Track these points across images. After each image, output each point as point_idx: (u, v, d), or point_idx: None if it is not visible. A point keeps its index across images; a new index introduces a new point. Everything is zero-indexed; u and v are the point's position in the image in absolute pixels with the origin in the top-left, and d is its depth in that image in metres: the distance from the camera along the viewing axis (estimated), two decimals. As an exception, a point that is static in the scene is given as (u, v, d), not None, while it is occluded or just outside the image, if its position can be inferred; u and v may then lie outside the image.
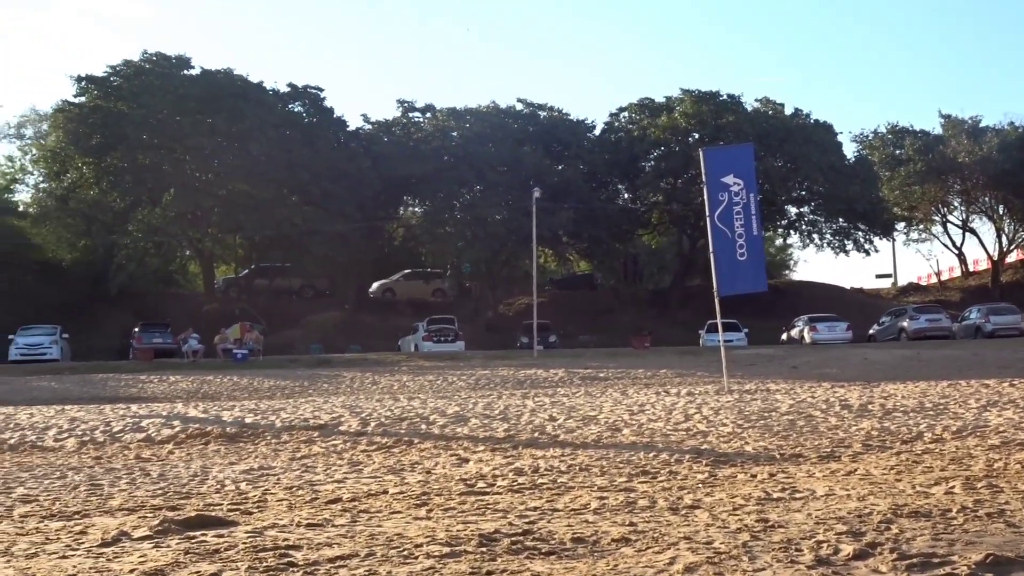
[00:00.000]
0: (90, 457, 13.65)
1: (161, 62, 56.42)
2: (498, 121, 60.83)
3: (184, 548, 6.95)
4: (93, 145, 54.52)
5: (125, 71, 56.21)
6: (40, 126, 61.37)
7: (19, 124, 62.25)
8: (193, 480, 10.86)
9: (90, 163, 55.25)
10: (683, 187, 59.76)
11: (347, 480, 10.60)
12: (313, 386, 30.53)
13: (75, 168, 56.18)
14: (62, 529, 8.02)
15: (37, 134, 61.63)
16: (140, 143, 53.55)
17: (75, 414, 18.87)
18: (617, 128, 64.46)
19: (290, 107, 59.83)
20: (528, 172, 56.07)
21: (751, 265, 23.55)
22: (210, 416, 18.07)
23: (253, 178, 52.97)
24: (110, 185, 55.05)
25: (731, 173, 23.72)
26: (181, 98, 53.81)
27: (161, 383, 32.25)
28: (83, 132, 54.86)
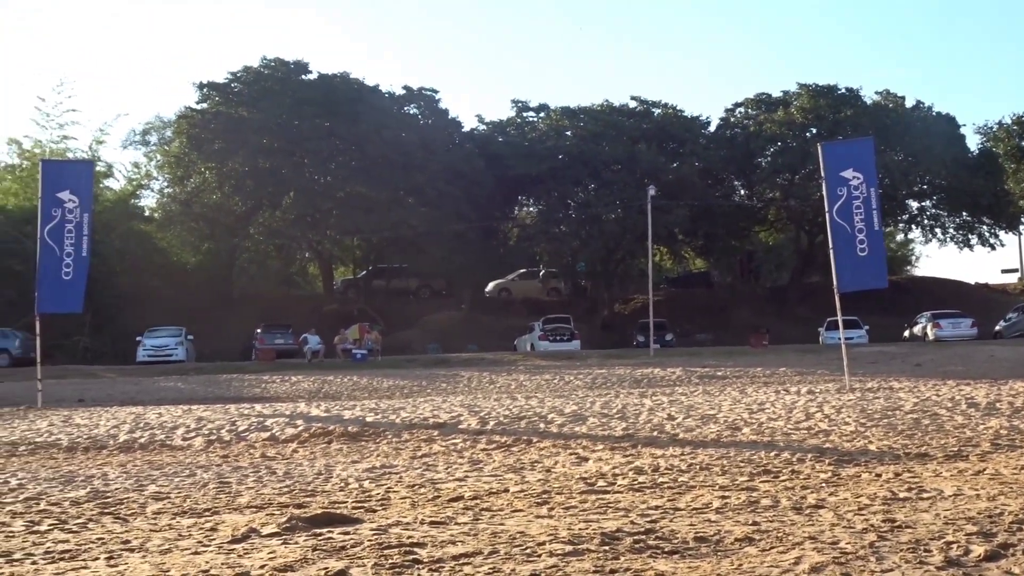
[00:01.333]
0: (217, 455, 13.95)
1: (280, 67, 57.46)
2: (612, 119, 60.70)
3: (312, 545, 7.09)
4: (215, 150, 55.70)
5: (245, 77, 57.37)
6: (164, 132, 62.82)
7: (144, 131, 63.83)
8: (318, 478, 11.04)
9: (212, 168, 56.44)
10: (800, 183, 58.98)
11: (468, 478, 10.69)
12: (431, 385, 30.79)
13: (198, 173, 57.43)
14: (193, 526, 8.23)
15: (162, 140, 63.11)
16: (260, 147, 54.55)
17: (201, 413, 19.28)
18: (733, 124, 63.86)
19: (406, 109, 60.44)
20: (643, 170, 55.89)
21: (872, 261, 23.16)
22: (332, 415, 18.33)
23: (370, 180, 53.62)
24: (232, 189, 56.16)
25: (850, 167, 23.35)
26: (299, 102, 54.71)
27: (283, 383, 32.79)
28: (205, 138, 56.08)
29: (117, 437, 16.29)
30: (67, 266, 25.06)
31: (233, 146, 55.00)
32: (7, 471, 12.63)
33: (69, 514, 8.99)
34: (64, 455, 14.70)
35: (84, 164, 34.38)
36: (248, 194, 55.96)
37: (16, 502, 9.75)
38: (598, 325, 57.47)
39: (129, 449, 15.11)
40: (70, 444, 15.80)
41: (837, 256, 23.09)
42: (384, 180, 53.87)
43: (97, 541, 7.64)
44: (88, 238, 25.45)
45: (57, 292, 25.29)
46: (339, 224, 56.41)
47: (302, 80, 57.32)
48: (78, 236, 25.12)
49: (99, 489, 10.57)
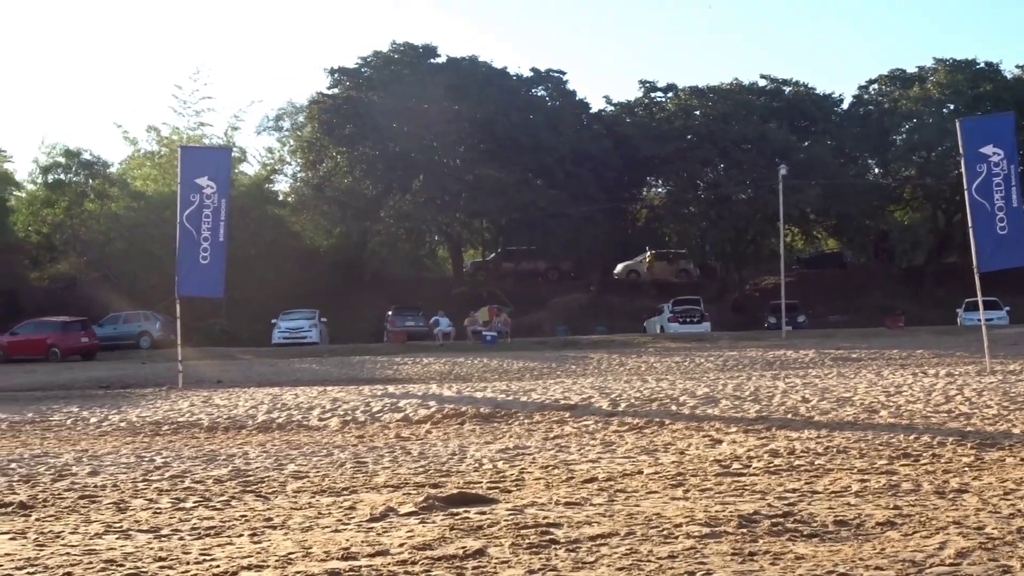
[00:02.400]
0: (353, 436, 14.17)
1: (409, 52, 57.95)
2: (741, 98, 59.94)
3: (449, 524, 7.17)
4: (346, 135, 56.42)
5: (375, 62, 57.99)
6: (296, 118, 63.80)
7: (277, 117, 64.90)
8: (452, 459, 11.15)
9: (343, 152, 57.18)
10: (937, 160, 57.45)
11: (601, 460, 10.69)
12: (561, 367, 30.82)
13: (330, 158, 58.25)
14: (332, 504, 8.39)
15: (294, 126, 64.10)
16: (390, 131, 55.10)
17: (336, 395, 19.59)
18: (866, 101, 62.50)
19: (533, 91, 60.45)
20: (773, 149, 55.07)
21: (1012, 239, 22.50)
22: (464, 397, 18.49)
23: (499, 162, 53.81)
24: (363, 173, 56.84)
25: (990, 144, 22.71)
26: (428, 86, 55.10)
27: (414, 365, 33.15)
28: (336, 122, 56.83)
29: (256, 417, 16.66)
30: (204, 250, 25.63)
31: (363, 130, 55.65)
32: (152, 450, 13.01)
33: (212, 492, 9.23)
34: (205, 434, 15.09)
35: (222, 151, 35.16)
36: (378, 178, 56.56)
37: (162, 480, 10.05)
38: (728, 307, 56.85)
39: (267, 429, 15.44)
40: (211, 424, 16.21)
41: (977, 235, 22.50)
42: (512, 162, 54.01)
43: (240, 518, 7.84)
44: (225, 223, 25.98)
45: (196, 276, 25.91)
46: (468, 206, 56.72)
47: (431, 64, 57.72)
48: (215, 221, 25.66)
49: (240, 468, 10.83)
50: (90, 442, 14.52)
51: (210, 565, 6.13)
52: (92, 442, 14.50)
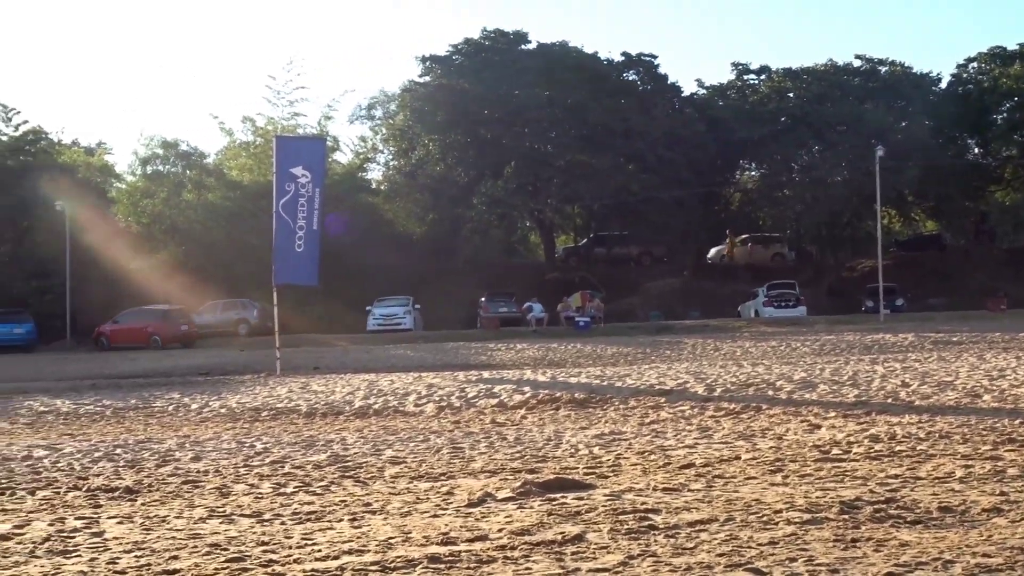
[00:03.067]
0: (449, 421, 14.24)
1: (500, 39, 58.06)
2: (836, 79, 59.09)
3: (547, 510, 7.17)
4: (438, 122, 56.72)
5: (466, 49, 58.21)
6: (389, 106, 64.24)
7: (370, 105, 65.40)
8: (548, 444, 11.16)
9: (435, 140, 57.49)
10: (1039, 139, 56.24)
11: (698, 445, 10.62)
12: (655, 352, 30.71)
13: (422, 145, 58.59)
14: (430, 490, 8.43)
15: (386, 114, 64.54)
16: (482, 118, 55.30)
17: (432, 380, 19.72)
18: (965, 80, 61.27)
19: (625, 76, 60.25)
20: (870, 130, 54.24)
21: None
22: (558, 382, 18.49)
23: (590, 148, 53.70)
24: (455, 160, 57.12)
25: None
26: (519, 73, 55.17)
27: (508, 351, 33.24)
28: (428, 110, 57.17)
29: (352, 403, 16.83)
30: (300, 239, 25.96)
31: (455, 118, 55.90)
32: (252, 435, 13.21)
33: (312, 477, 9.33)
34: (304, 420, 15.28)
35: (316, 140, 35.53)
36: (470, 164, 56.80)
37: (263, 465, 10.19)
38: (824, 290, 56.16)
39: (364, 415, 15.59)
40: (309, 410, 16.42)
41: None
42: (604, 147, 53.87)
43: (340, 503, 7.92)
44: (320, 212, 26.30)
45: (292, 264, 26.25)
46: (560, 192, 56.75)
47: (522, 50, 57.78)
48: (310, 210, 25.96)
49: (339, 453, 10.94)
50: (192, 428, 14.78)
51: (312, 549, 6.19)
52: (194, 428, 14.77)
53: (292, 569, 5.71)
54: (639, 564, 5.58)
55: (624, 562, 5.62)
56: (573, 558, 5.76)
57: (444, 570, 5.60)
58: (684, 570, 5.43)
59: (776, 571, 5.37)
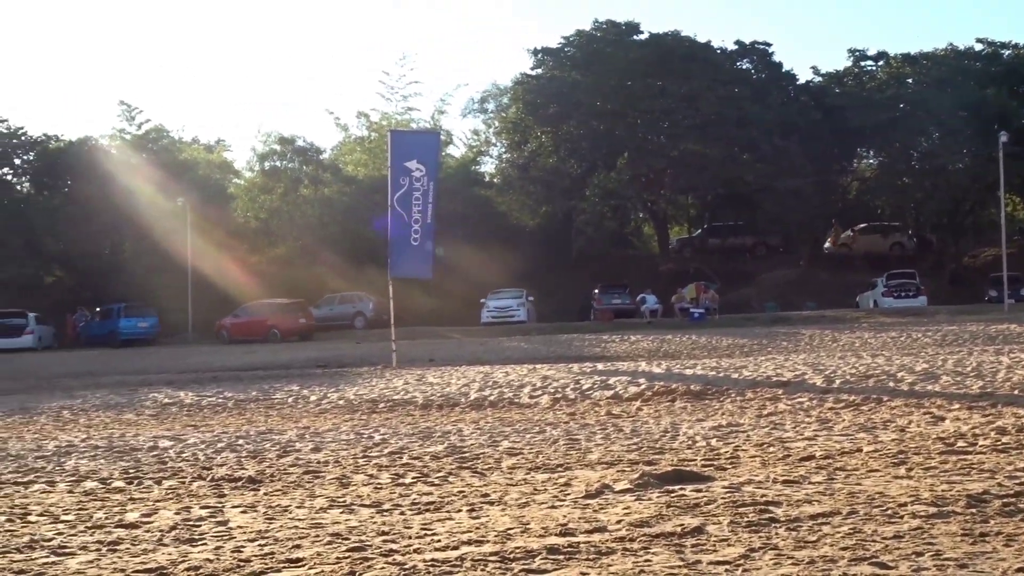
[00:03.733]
0: (564, 413, 14.25)
1: (611, 30, 57.77)
2: (957, 64, 57.60)
3: (665, 502, 7.13)
4: (550, 114, 56.67)
5: (578, 41, 58.06)
6: (501, 99, 64.37)
7: (482, 99, 65.60)
8: (664, 436, 11.09)
9: (548, 132, 57.45)
10: None
11: (818, 437, 10.47)
12: (771, 344, 30.34)
13: (534, 138, 58.60)
14: (547, 481, 8.44)
15: (499, 107, 64.67)
16: (594, 110, 55.13)
17: (546, 372, 19.74)
18: (1096, 62, 59.31)
19: (738, 64, 59.58)
20: (992, 116, 52.79)
21: None
22: (673, 374, 18.39)
23: (704, 138, 53.21)
24: (567, 152, 57.03)
25: None
26: (631, 63, 54.88)
27: (622, 342, 33.13)
28: (540, 102, 57.13)
29: (468, 395, 16.93)
30: (415, 232, 26.17)
31: (567, 110, 55.80)
32: (370, 427, 13.36)
33: (430, 468, 9.41)
34: (420, 412, 15.42)
35: (430, 134, 35.72)
36: (583, 156, 56.67)
37: (381, 456, 10.30)
38: (946, 280, 54.86)
39: (480, 407, 15.67)
40: (425, 401, 16.55)
41: None
42: (718, 137, 53.33)
43: (458, 494, 7.97)
44: (434, 206, 26.46)
45: (407, 257, 26.49)
46: (673, 183, 56.38)
47: (633, 41, 57.43)
48: (424, 203, 26.15)
49: (456, 444, 11.01)
50: (311, 419, 15.01)
51: (432, 540, 6.24)
52: (313, 419, 14.99)
53: (413, 559, 5.76)
54: (760, 557, 5.52)
55: (745, 555, 5.56)
56: (693, 550, 5.72)
57: (563, 561, 5.60)
58: (807, 563, 5.35)
59: (902, 565, 5.27)
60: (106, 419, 16.22)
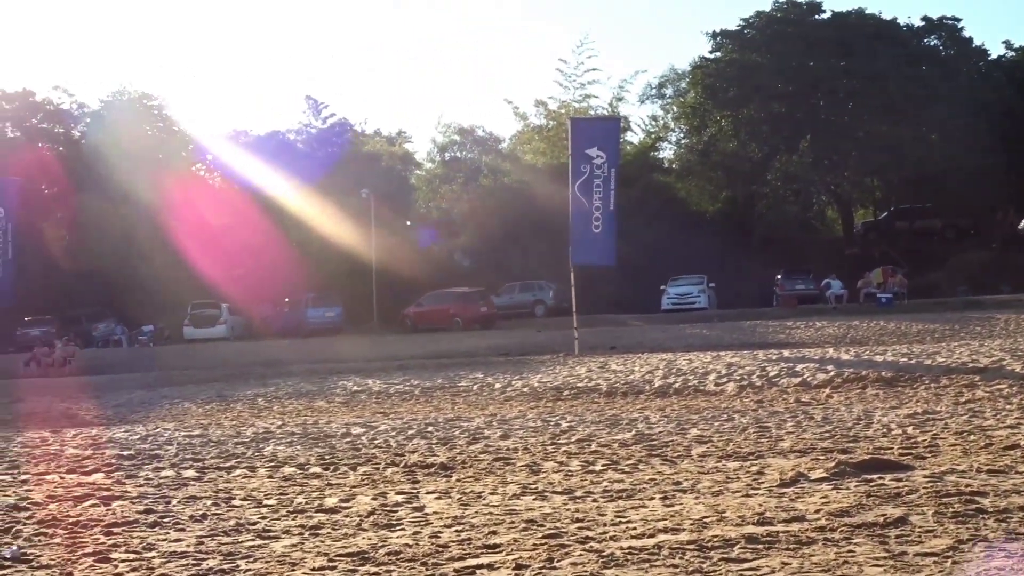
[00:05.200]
0: (751, 400, 14.06)
1: (792, 9, 56.74)
2: None
3: (864, 491, 6.96)
4: (730, 98, 56.01)
5: (758, 22, 57.17)
6: (679, 84, 63.83)
7: (660, 84, 65.09)
8: (858, 424, 10.83)
9: (728, 116, 56.81)
10: None
11: (1021, 425, 10.08)
12: (964, 329, 29.35)
13: (714, 122, 58.01)
14: (740, 469, 8.33)
15: (677, 92, 64.16)
16: (775, 92, 54.25)
17: (730, 359, 19.52)
18: None
19: (925, 41, 57.82)
20: None
21: None
22: (862, 360, 17.97)
23: (890, 118, 51.83)
24: (748, 136, 56.26)
25: None
26: (813, 43, 53.82)
27: (807, 328, 32.51)
28: (720, 86, 56.52)
29: (652, 382, 16.85)
30: (596, 219, 26.20)
31: (747, 92, 55.04)
32: (556, 414, 13.41)
33: (620, 456, 9.38)
34: (604, 399, 15.42)
35: (610, 121, 35.62)
36: (764, 140, 55.83)
37: (569, 443, 10.32)
38: None
39: (664, 394, 15.59)
40: (608, 389, 16.55)
41: None
42: (904, 117, 51.87)
43: (649, 481, 7.92)
44: (615, 192, 26.45)
45: (588, 245, 26.54)
46: (858, 165, 55.07)
47: (815, 20, 56.30)
48: (605, 191, 26.16)
49: (643, 432, 10.96)
50: (497, 406, 15.15)
51: (627, 527, 6.21)
52: (499, 407, 15.12)
53: (609, 546, 5.74)
54: (971, 549, 5.33)
55: (953, 546, 5.38)
56: (897, 541, 5.55)
57: (762, 551, 5.51)
58: (1020, 556, 5.14)
59: (1124, 560, 5.03)
60: (298, 406, 16.68)
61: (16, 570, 5.82)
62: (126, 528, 6.87)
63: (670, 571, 5.19)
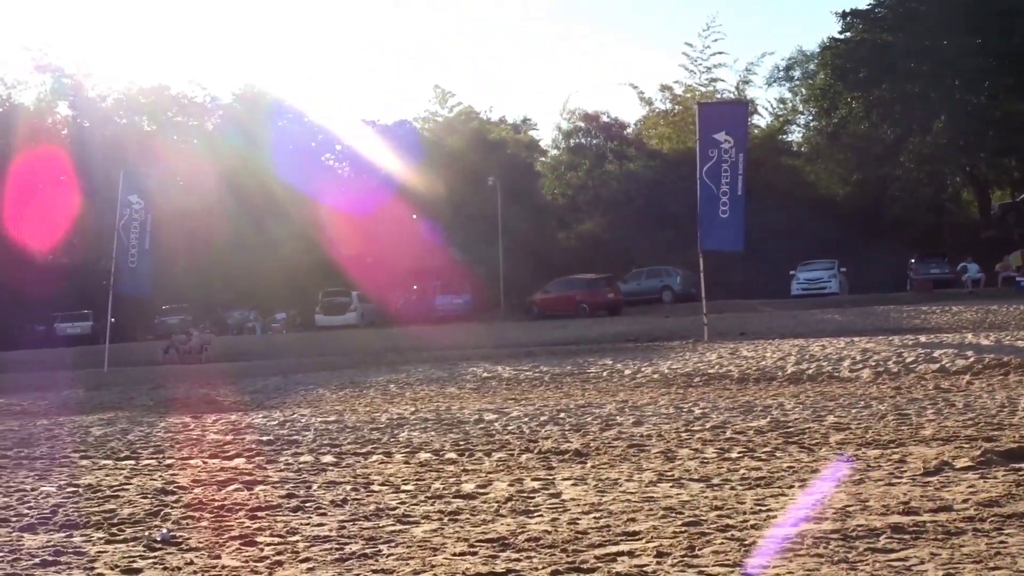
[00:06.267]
0: (888, 387, 13.78)
1: (928, -14, 55.35)
2: None
3: (1013, 480, 6.79)
4: (861, 79, 54.91)
5: (889, 2, 55.85)
6: (807, 66, 62.79)
7: (788, 66, 64.10)
8: (1002, 411, 10.54)
9: (859, 97, 55.71)
10: None
11: None
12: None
13: (844, 104, 56.95)
14: (880, 457, 8.17)
15: (805, 74, 63.13)
16: (908, 72, 53.01)
17: (865, 345, 19.17)
18: None
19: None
20: None
21: None
22: (1004, 346, 17.52)
23: (1028, 96, 50.34)
24: (879, 117, 55.08)
25: None
26: (947, 21, 52.39)
27: (943, 314, 31.74)
28: (850, 67, 55.44)
29: (784, 369, 16.64)
30: (724, 205, 25.94)
31: (879, 73, 53.89)
32: (688, 400, 13.31)
33: (755, 443, 9.28)
34: (736, 386, 15.25)
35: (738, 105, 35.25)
36: (896, 121, 54.58)
37: (704, 430, 10.24)
38: None
39: (798, 380, 15.37)
40: (740, 375, 16.37)
41: None
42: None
43: (788, 469, 7.83)
44: (743, 177, 26.13)
45: (717, 230, 26.26)
46: (994, 145, 53.50)
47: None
48: (733, 175, 25.86)
49: (779, 419, 10.83)
50: (627, 393, 15.08)
51: (767, 515, 6.15)
52: (629, 393, 15.06)
53: (751, 535, 5.69)
54: None
55: (1111, 539, 5.21)
56: (1051, 533, 5.40)
57: (909, 541, 5.40)
58: None
59: None
60: (430, 392, 16.82)
61: (167, 552, 5.98)
62: (269, 512, 7.03)
63: (815, 561, 5.12)
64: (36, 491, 8.45)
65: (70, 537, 6.51)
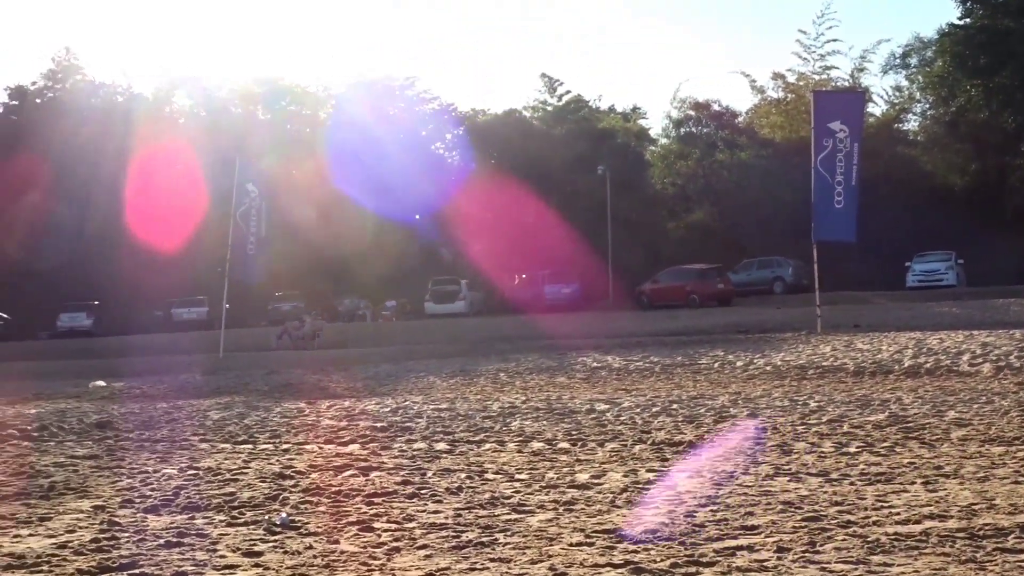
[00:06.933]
0: (1011, 382, 13.42)
1: (1048, -30, 53.81)
2: None
3: None
4: (981, 66, 53.53)
5: (1011, -14, 54.44)
6: (924, 53, 61.43)
7: (904, 54, 62.77)
8: None
9: (978, 85, 54.33)
10: None
11: None
12: None
13: (963, 92, 55.58)
14: (1005, 454, 7.98)
15: (922, 61, 61.78)
16: (1031, 59, 51.68)
17: (985, 339, 18.74)
18: None
19: None
20: None
21: None
22: None
23: None
24: (1000, 105, 53.67)
25: None
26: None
27: (1068, 307, 30.90)
28: (969, 54, 54.10)
29: (901, 362, 16.33)
30: (838, 195, 25.57)
31: (1000, 59, 52.47)
32: (803, 393, 13.13)
33: (874, 437, 9.11)
34: (852, 379, 15.00)
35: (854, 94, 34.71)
36: (1018, 109, 53.13)
37: (820, 424, 10.08)
38: None
39: (915, 374, 15.07)
40: (855, 368, 16.10)
41: None
42: None
43: (909, 465, 7.67)
44: (857, 167, 25.73)
45: (831, 221, 25.90)
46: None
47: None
48: (848, 165, 25.47)
49: (897, 413, 10.62)
50: (740, 385, 14.92)
51: (889, 512, 6.03)
52: (742, 385, 14.90)
53: (873, 531, 5.58)
54: None
55: None
56: None
57: (1039, 541, 5.25)
58: None
59: None
60: (540, 381, 16.83)
61: (287, 536, 6.06)
62: (386, 499, 7.09)
63: (940, 559, 5.00)
64: (158, 473, 8.64)
65: (192, 519, 6.63)
